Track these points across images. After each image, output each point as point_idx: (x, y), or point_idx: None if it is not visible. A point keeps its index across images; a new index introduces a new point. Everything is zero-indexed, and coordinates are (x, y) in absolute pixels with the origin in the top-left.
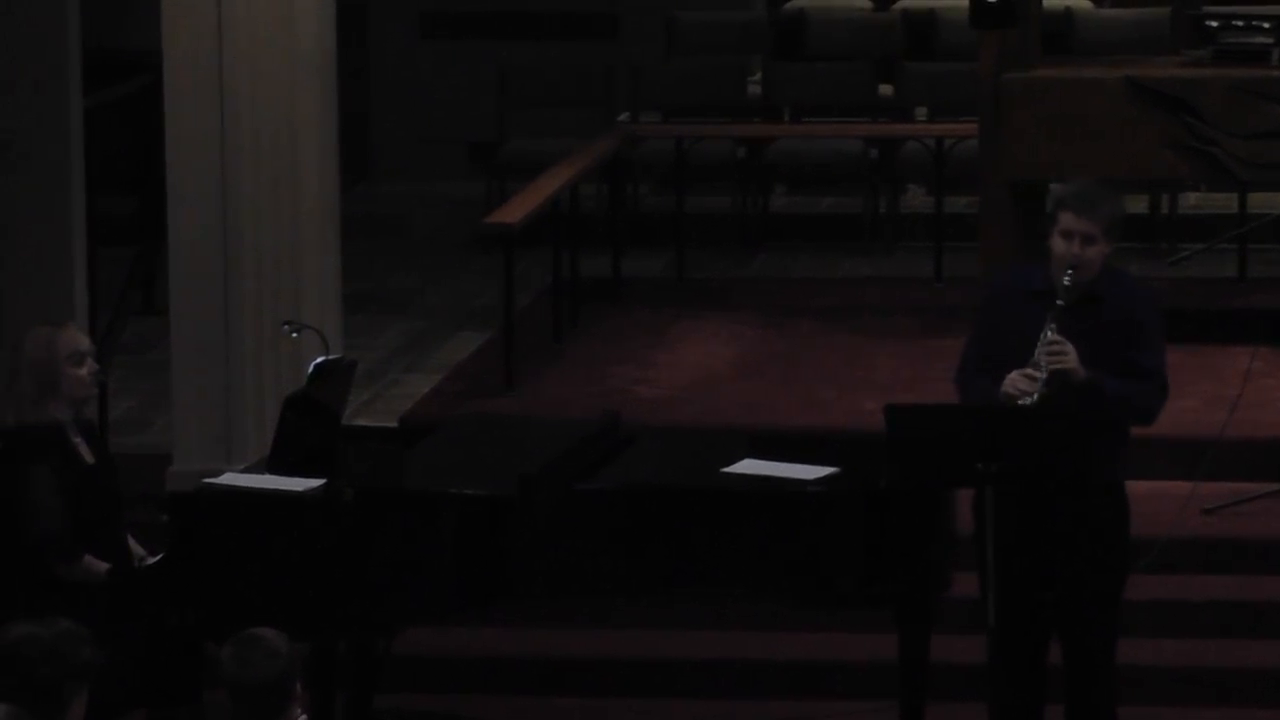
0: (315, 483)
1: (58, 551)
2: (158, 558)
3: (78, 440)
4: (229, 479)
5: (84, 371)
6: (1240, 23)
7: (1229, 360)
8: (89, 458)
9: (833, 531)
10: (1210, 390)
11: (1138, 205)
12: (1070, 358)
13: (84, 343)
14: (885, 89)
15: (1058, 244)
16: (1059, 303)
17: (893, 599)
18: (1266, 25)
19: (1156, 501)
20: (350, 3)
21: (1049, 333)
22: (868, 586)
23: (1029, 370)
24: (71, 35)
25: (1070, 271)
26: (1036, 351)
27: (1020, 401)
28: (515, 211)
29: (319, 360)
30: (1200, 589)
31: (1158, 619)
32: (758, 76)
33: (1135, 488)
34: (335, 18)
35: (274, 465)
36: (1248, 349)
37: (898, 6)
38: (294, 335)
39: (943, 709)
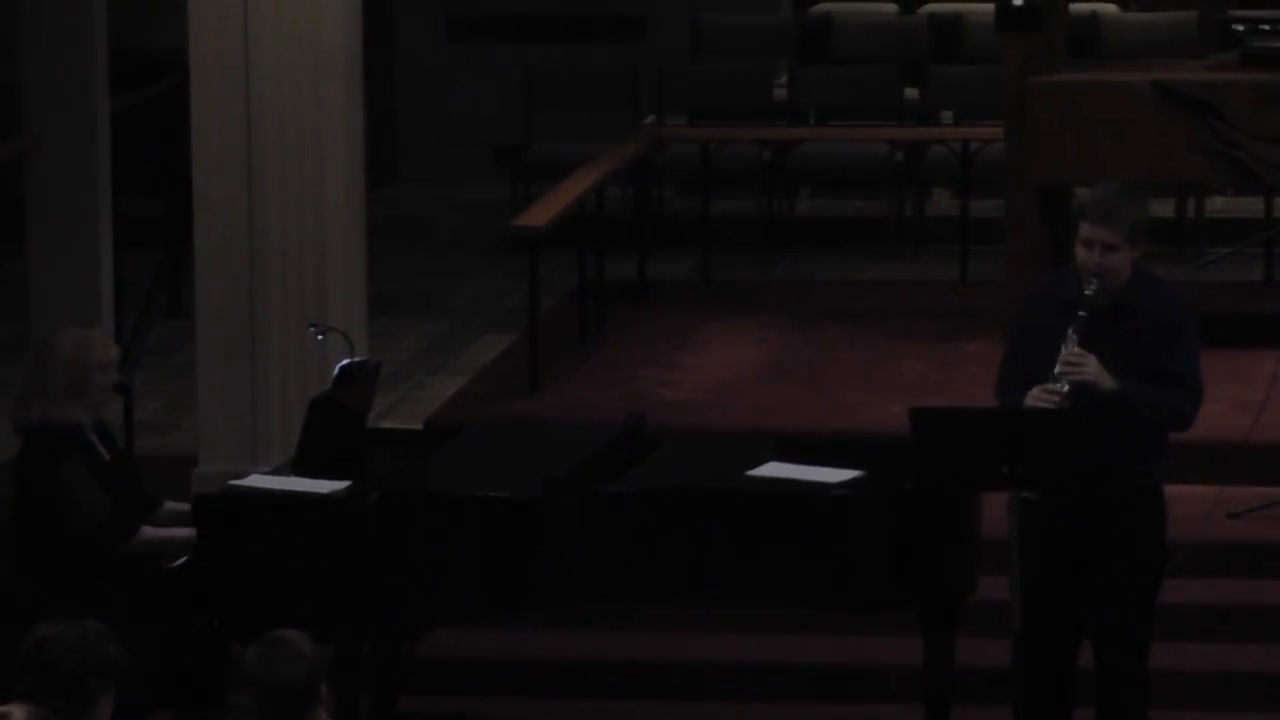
0: (340, 485)
1: (112, 533)
2: (182, 559)
3: (93, 440)
4: (254, 481)
5: (108, 381)
6: (1266, 26)
7: (1255, 364)
8: (106, 456)
9: (857, 535)
10: (1236, 394)
11: (1164, 209)
12: (1089, 369)
13: (113, 352)
14: (911, 92)
15: (1080, 253)
16: (1080, 314)
17: (918, 602)
18: None
19: (1182, 505)
20: (377, 5)
21: (1069, 345)
22: (893, 590)
23: (1049, 385)
24: (98, 37)
25: (1093, 281)
26: (1057, 365)
27: None
28: (541, 214)
29: (344, 362)
30: (1226, 593)
31: (1183, 623)
32: (783, 80)
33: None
34: (361, 20)
35: (299, 467)
36: (1274, 353)
37: (924, 10)
38: (320, 337)
39: (968, 712)
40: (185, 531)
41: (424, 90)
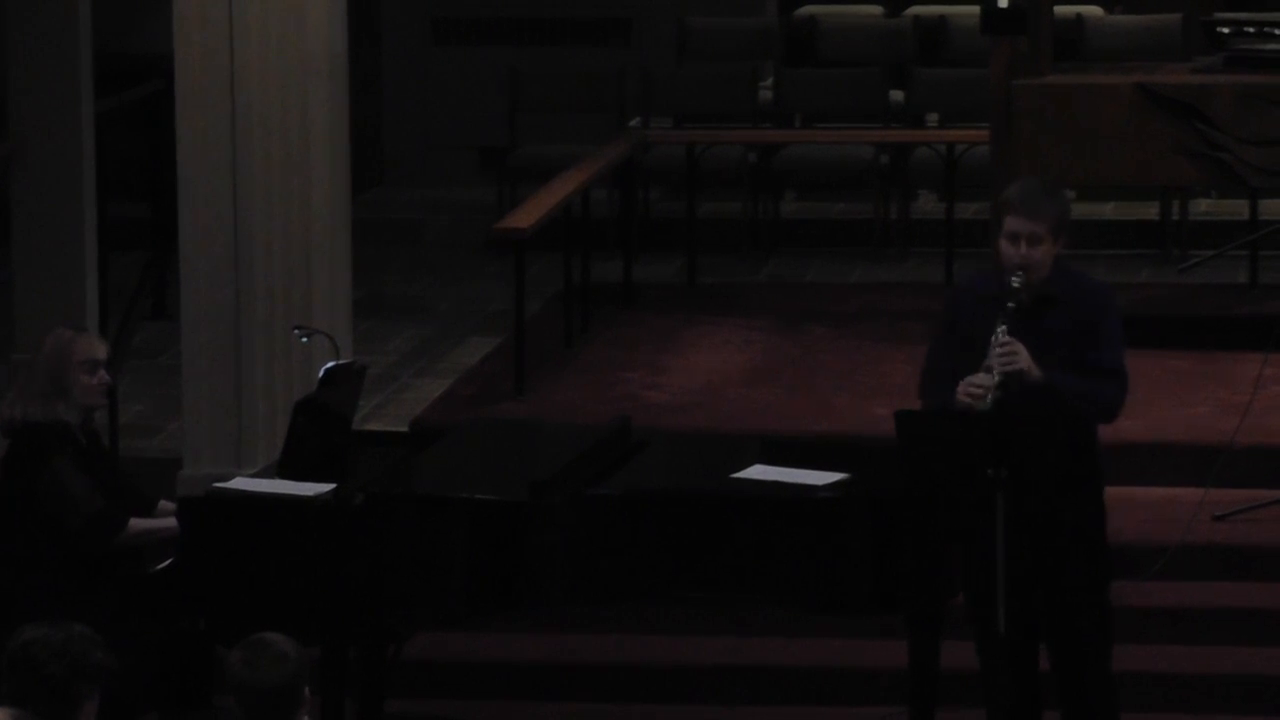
0: (326, 487)
1: (105, 525)
2: (168, 562)
3: (81, 440)
4: (239, 483)
5: (95, 381)
6: (1251, 29)
7: (1240, 367)
8: (95, 455)
9: (843, 537)
10: (1221, 397)
11: (1148, 211)
12: (1021, 358)
13: (100, 351)
14: (896, 95)
15: (1004, 248)
16: (1009, 305)
17: (903, 605)
18: (1278, 31)
19: (1167, 508)
20: (362, 8)
21: (999, 335)
22: (878, 592)
23: (977, 377)
24: (83, 40)
25: (1019, 274)
26: (988, 355)
27: (976, 406)
28: (527, 217)
29: (329, 365)
30: (1211, 596)
31: (1168, 626)
32: (769, 82)
33: (1147, 494)
34: (347, 23)
35: (284, 470)
36: (1259, 355)
37: (909, 13)
38: (305, 340)
39: (952, 715)
40: (173, 522)
41: (409, 93)
